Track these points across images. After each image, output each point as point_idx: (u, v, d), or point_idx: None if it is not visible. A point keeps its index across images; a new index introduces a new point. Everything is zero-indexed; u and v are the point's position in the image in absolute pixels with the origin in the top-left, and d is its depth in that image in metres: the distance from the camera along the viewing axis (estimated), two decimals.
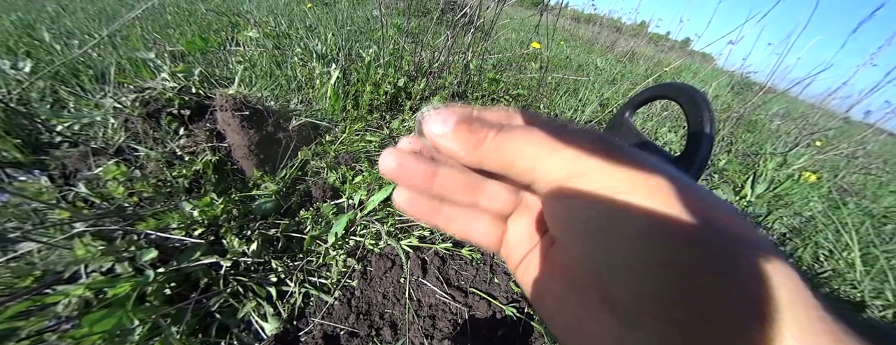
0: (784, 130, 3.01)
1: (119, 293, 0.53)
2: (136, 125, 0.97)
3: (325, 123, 1.10)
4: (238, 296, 0.64)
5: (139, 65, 1.27)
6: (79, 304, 0.53)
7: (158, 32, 1.68)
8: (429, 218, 0.20)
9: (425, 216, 0.20)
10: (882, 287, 1.36)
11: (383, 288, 0.74)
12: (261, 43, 1.46)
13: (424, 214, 0.20)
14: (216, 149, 0.90)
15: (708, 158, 0.23)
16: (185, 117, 0.98)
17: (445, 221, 0.20)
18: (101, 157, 0.89)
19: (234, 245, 0.68)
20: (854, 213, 1.81)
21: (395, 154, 0.18)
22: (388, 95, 1.26)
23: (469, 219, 0.20)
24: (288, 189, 0.90)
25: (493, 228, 0.20)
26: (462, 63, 1.28)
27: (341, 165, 1.00)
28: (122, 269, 0.58)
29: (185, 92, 1.03)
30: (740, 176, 1.90)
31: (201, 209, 0.71)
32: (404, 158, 0.18)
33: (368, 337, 0.65)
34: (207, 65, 1.39)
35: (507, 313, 0.74)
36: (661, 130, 1.95)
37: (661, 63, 3.93)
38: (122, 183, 0.74)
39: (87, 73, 1.28)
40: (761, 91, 2.48)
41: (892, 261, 1.48)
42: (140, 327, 0.53)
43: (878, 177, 2.87)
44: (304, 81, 1.27)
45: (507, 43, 2.63)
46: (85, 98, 1.13)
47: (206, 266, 0.64)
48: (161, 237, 0.69)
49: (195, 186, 0.85)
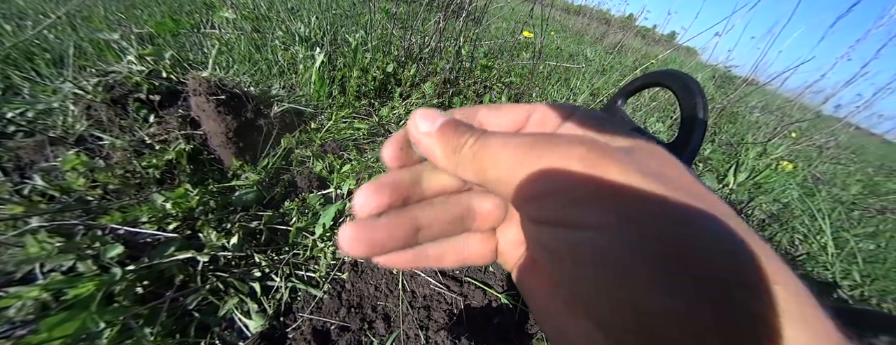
0: (763, 121, 3.12)
1: (81, 294, 0.48)
2: (99, 112, 0.89)
3: (310, 110, 1.04)
4: (218, 293, 0.60)
5: (102, 47, 1.16)
6: (35, 307, 0.47)
7: (124, 13, 1.55)
8: (416, 264, 0.17)
9: (411, 264, 0.17)
10: (850, 268, 1.44)
11: (375, 280, 0.71)
12: (238, 26, 1.37)
13: (410, 262, 0.17)
14: (190, 137, 0.83)
15: (701, 142, 0.23)
16: (155, 103, 0.90)
17: (436, 260, 0.18)
18: (61, 146, 0.81)
19: (211, 239, 0.63)
20: (826, 200, 1.90)
21: (359, 231, 0.15)
22: (376, 80, 1.21)
23: (459, 248, 0.18)
24: (271, 179, 0.85)
25: (484, 245, 0.19)
26: (454, 49, 1.24)
27: (328, 153, 0.95)
28: (85, 267, 0.53)
29: (154, 76, 0.95)
30: (723, 165, 1.96)
31: (174, 201, 0.66)
32: (373, 233, 0.15)
33: (361, 331, 0.63)
34: (180, 48, 1.29)
35: (503, 302, 0.73)
36: (650, 120, 1.97)
37: (648, 55, 3.98)
38: (83, 174, 0.67)
39: (43, 56, 1.16)
40: (744, 83, 2.54)
41: (859, 244, 1.57)
42: (108, 330, 0.48)
43: (846, 166, 3.03)
44: (286, 66, 1.20)
45: (498, 32, 2.59)
46: (41, 84, 1.03)
47: (181, 262, 0.59)
48: (131, 232, 0.63)
49: (168, 177, 0.79)
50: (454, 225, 0.17)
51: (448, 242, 0.18)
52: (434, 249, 0.18)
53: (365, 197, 0.16)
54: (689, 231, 0.10)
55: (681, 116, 0.23)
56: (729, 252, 0.10)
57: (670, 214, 0.11)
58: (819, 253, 1.49)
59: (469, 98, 1.28)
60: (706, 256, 0.10)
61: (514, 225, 0.19)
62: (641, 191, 0.11)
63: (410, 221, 0.16)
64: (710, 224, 0.10)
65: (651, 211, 0.11)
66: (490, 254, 0.19)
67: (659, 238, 0.10)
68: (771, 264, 0.10)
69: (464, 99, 1.26)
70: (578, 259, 0.11)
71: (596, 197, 0.11)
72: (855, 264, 1.42)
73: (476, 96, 1.30)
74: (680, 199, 0.11)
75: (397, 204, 0.16)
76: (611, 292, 0.10)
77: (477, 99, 1.29)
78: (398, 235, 0.16)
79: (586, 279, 0.11)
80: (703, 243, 0.10)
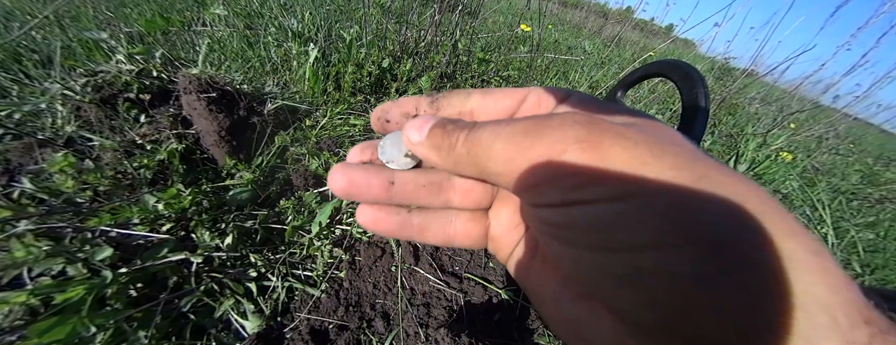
0: (762, 112, 3.11)
1: (71, 298, 0.47)
2: (88, 113, 0.87)
3: (305, 107, 1.03)
4: (214, 294, 0.59)
5: (91, 46, 1.14)
6: (23, 312, 0.46)
7: (113, 12, 1.52)
8: (401, 233, 0.18)
9: (397, 232, 0.18)
10: (850, 258, 1.44)
11: (374, 278, 0.70)
12: (231, 22, 1.34)
13: (395, 231, 0.18)
14: (182, 136, 0.81)
15: (704, 131, 0.23)
16: (146, 102, 0.88)
17: (419, 231, 0.18)
18: (50, 149, 0.80)
19: (205, 239, 0.62)
20: (825, 190, 1.90)
21: (342, 171, 0.17)
22: (372, 76, 1.19)
23: (444, 222, 0.18)
24: (266, 178, 0.84)
25: (473, 225, 0.18)
26: (450, 43, 1.22)
27: (324, 150, 0.93)
28: (75, 271, 0.52)
29: (144, 75, 0.93)
30: (723, 156, 1.95)
31: (166, 202, 0.64)
32: (353, 173, 0.17)
33: (360, 329, 0.62)
34: (171, 47, 1.27)
35: (504, 298, 0.72)
36: (650, 112, 1.96)
37: (646, 48, 3.96)
38: (71, 175, 0.66)
39: (30, 57, 1.14)
40: (743, 74, 2.52)
41: (859, 233, 1.57)
42: (100, 334, 0.47)
43: (845, 157, 3.03)
44: (279, 63, 1.17)
45: (495, 26, 2.56)
46: (29, 85, 1.01)
47: (175, 264, 0.58)
48: (122, 235, 0.62)
49: (160, 177, 0.77)
50: (430, 190, 0.18)
51: (433, 214, 0.18)
52: (418, 218, 0.18)
53: (352, 152, 0.19)
54: (695, 202, 0.10)
55: (682, 105, 0.23)
56: (736, 214, 0.10)
57: (679, 188, 0.10)
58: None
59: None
60: (711, 219, 0.10)
61: (505, 207, 0.18)
62: (648, 167, 0.11)
63: (387, 173, 0.17)
64: (722, 191, 0.10)
65: (658, 186, 0.10)
66: (480, 237, 0.18)
67: (666, 205, 0.10)
68: (778, 221, 0.10)
69: None
70: (583, 230, 0.11)
71: (599, 179, 0.11)
72: (855, 253, 1.43)
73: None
74: (688, 172, 0.11)
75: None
76: (616, 264, 0.11)
77: None
78: (373, 181, 0.17)
79: (592, 257, 0.11)
80: (709, 206, 0.10)
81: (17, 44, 1.17)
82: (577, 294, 0.13)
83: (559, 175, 0.11)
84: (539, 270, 0.16)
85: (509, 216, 0.18)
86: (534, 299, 0.16)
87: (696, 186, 0.10)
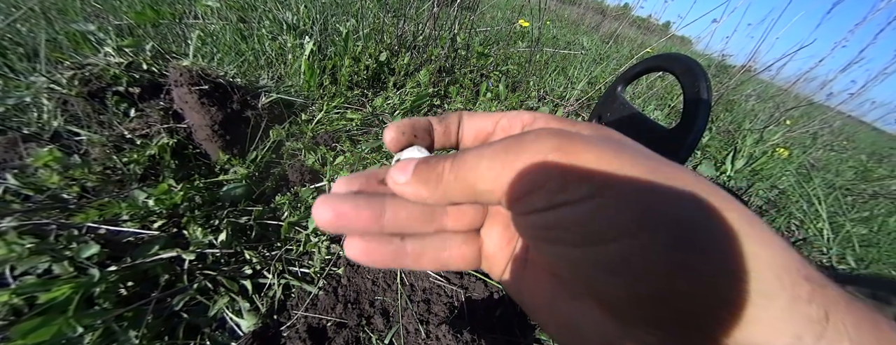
0: (758, 109, 3.12)
1: (56, 297, 0.45)
2: (76, 107, 0.84)
3: (301, 101, 1.00)
4: (207, 292, 0.57)
5: (78, 39, 1.10)
6: (6, 312, 0.44)
7: (101, 3, 1.48)
8: (395, 262, 0.18)
9: (391, 262, 0.18)
10: (844, 253, 1.45)
11: (372, 274, 0.69)
12: (223, 15, 1.31)
13: (389, 261, 0.18)
14: (173, 130, 0.79)
15: (706, 124, 0.23)
16: (136, 96, 0.86)
17: (414, 259, 0.18)
18: (35, 143, 0.77)
19: (198, 236, 0.60)
20: (821, 186, 1.91)
21: (328, 202, 0.16)
22: (369, 69, 1.16)
23: (439, 248, 0.18)
24: (260, 173, 0.82)
25: (468, 247, 0.19)
26: (449, 36, 1.19)
27: (320, 145, 0.91)
28: (62, 269, 0.50)
29: (134, 68, 0.90)
30: (721, 152, 1.95)
31: (157, 198, 0.62)
32: (340, 205, 0.16)
33: (358, 327, 0.61)
34: (161, 39, 1.23)
35: (505, 293, 0.71)
36: (648, 109, 1.95)
37: (643, 45, 3.96)
38: (57, 171, 0.64)
39: (15, 50, 1.10)
40: (741, 71, 2.53)
41: (854, 228, 1.58)
42: (88, 335, 0.45)
43: (840, 153, 3.06)
44: (274, 56, 1.15)
45: (494, 21, 2.53)
46: (14, 79, 0.98)
47: (166, 261, 0.56)
48: (112, 232, 0.60)
49: (151, 173, 0.75)
50: (423, 217, 0.18)
51: (427, 240, 0.18)
52: (412, 246, 0.18)
53: (338, 183, 0.19)
54: (656, 192, 0.12)
55: (684, 98, 0.23)
56: (688, 196, 0.12)
57: (640, 180, 0.12)
58: (815, 238, 1.50)
59: (466, 87, 1.24)
60: (673, 206, 0.11)
61: (496, 225, 0.19)
62: (614, 166, 0.12)
63: (377, 202, 0.17)
64: (674, 182, 0.12)
65: (625, 180, 0.12)
66: (473, 258, 0.19)
67: (635, 198, 0.12)
68: (720, 199, 0.12)
69: (460, 88, 1.22)
70: (569, 228, 0.12)
71: (579, 180, 0.12)
72: (850, 247, 1.44)
73: (473, 85, 1.26)
74: (644, 167, 0.12)
75: (369, 190, 0.18)
76: (601, 256, 0.12)
77: (474, 88, 1.26)
78: (363, 212, 0.16)
79: (579, 253, 0.13)
80: (668, 194, 0.12)
81: (1, 36, 1.13)
82: (569, 295, 0.15)
83: (543, 180, 0.13)
84: (531, 278, 0.17)
85: (501, 233, 0.19)
86: (529, 309, 0.17)
87: (652, 179, 0.12)
